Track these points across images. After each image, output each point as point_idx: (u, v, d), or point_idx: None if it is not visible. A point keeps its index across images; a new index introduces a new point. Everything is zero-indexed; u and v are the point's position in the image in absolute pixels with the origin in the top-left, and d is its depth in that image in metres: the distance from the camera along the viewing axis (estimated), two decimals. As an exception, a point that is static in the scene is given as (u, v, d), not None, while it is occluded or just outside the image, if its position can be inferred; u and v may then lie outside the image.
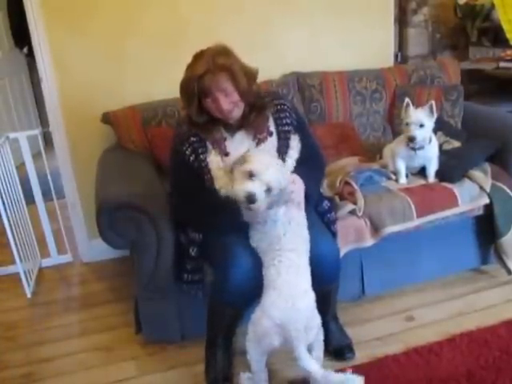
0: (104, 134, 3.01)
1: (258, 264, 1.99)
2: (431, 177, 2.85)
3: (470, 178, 2.83)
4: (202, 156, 2.06)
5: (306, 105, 3.22)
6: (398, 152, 2.84)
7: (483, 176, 2.82)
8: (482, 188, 2.77)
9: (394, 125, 3.33)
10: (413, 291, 2.84)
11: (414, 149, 2.77)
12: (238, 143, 2.08)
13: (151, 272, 2.29)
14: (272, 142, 2.13)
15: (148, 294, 2.37)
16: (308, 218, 2.09)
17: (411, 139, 2.69)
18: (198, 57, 1.95)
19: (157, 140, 2.81)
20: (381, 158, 3.09)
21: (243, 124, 2.08)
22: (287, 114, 2.17)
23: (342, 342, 2.34)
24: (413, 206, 2.63)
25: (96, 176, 2.64)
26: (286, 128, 2.16)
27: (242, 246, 2.03)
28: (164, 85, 2.01)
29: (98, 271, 3.30)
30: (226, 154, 2.07)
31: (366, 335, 2.50)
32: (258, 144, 2.11)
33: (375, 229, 2.60)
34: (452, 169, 2.83)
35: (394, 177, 2.89)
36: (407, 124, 2.70)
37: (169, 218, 2.22)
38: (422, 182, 2.84)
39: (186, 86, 1.97)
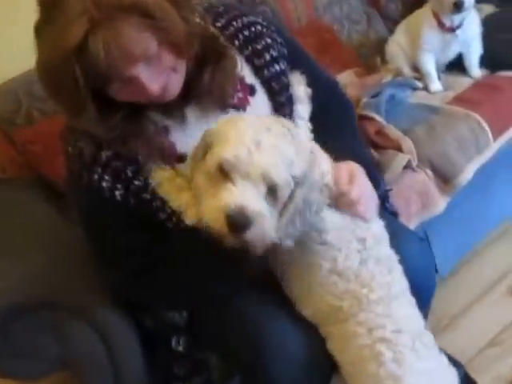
0: None
1: (312, 337, 1.08)
2: (476, 68, 1.85)
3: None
4: (137, 182, 1.08)
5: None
6: (423, 41, 1.87)
7: None
8: None
9: (382, 6, 2.23)
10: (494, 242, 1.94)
11: (452, 29, 1.79)
12: (197, 129, 1.07)
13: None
14: (258, 102, 1.18)
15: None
16: None
17: (458, 4, 1.70)
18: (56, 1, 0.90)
19: (36, 147, 1.63)
20: (383, 61, 2.07)
21: (193, 93, 1.08)
22: (268, 41, 1.19)
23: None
24: (485, 125, 1.64)
25: None
26: (276, 68, 1.19)
27: (274, 306, 1.12)
28: (23, 47, 0.96)
29: None
30: (180, 158, 1.10)
31: (473, 341, 1.66)
32: None
33: (444, 180, 1.59)
34: (509, 47, 1.86)
35: (420, 84, 1.92)
36: None
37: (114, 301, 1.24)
38: (466, 80, 1.84)
39: (54, 79, 0.94)
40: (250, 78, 1.16)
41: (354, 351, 1.00)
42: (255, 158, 0.87)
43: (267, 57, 1.17)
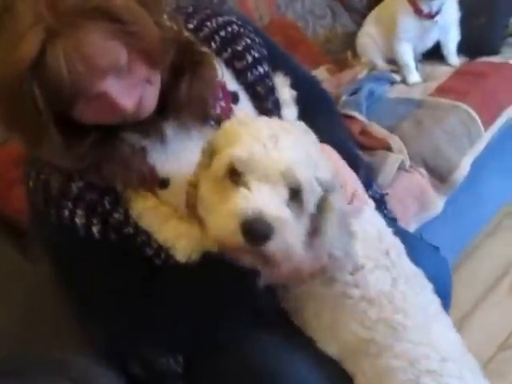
0: None
1: (335, 377, 0.91)
2: (455, 56, 1.75)
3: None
4: (116, 214, 0.91)
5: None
6: (400, 30, 1.73)
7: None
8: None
9: (346, -1, 2.12)
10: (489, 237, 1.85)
11: (431, 15, 1.67)
12: (179, 148, 0.94)
13: None
14: (243, 109, 1.02)
15: None
16: None
17: None
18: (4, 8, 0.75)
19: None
20: (354, 56, 1.97)
21: (170, 107, 0.92)
22: (247, 42, 1.04)
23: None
24: (475, 114, 1.53)
25: None
26: (260, 70, 1.05)
27: (286, 343, 0.94)
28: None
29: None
30: (163, 183, 0.93)
31: (482, 346, 1.54)
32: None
33: (440, 178, 1.48)
34: (486, 31, 1.77)
35: (398, 77, 1.80)
36: None
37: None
38: (445, 69, 1.76)
39: (7, 102, 0.77)
40: (231, 84, 1.01)
41: None
42: (274, 154, 0.71)
43: (249, 58, 1.02)
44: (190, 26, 0.99)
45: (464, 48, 1.77)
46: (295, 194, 0.72)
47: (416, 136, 1.50)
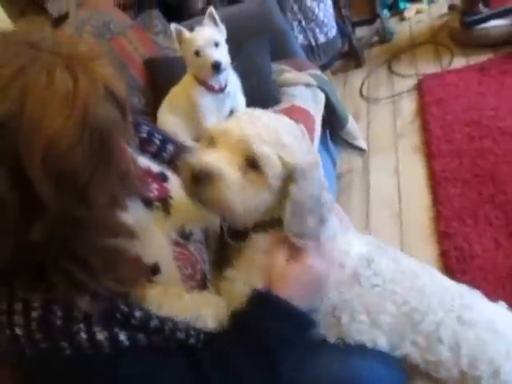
0: None
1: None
2: None
3: (283, 86, 2.12)
4: (137, 313, 0.86)
5: None
6: (201, 108, 1.87)
7: (292, 75, 2.16)
8: (308, 86, 2.11)
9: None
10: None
11: (221, 88, 1.86)
12: (144, 233, 0.92)
13: None
14: (176, 185, 1.05)
15: None
16: None
17: (216, 66, 1.76)
18: None
19: None
20: None
21: None
22: (146, 128, 1.14)
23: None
24: None
25: None
26: (169, 148, 1.17)
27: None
28: None
29: None
30: (155, 270, 0.94)
31: None
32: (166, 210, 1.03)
33: None
34: (263, 88, 2.07)
35: None
36: (197, 52, 1.78)
37: None
38: None
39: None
40: (154, 166, 1.07)
41: None
42: (237, 129, 0.86)
43: (157, 141, 1.12)
44: None
45: (252, 105, 2.01)
46: (253, 164, 0.85)
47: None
